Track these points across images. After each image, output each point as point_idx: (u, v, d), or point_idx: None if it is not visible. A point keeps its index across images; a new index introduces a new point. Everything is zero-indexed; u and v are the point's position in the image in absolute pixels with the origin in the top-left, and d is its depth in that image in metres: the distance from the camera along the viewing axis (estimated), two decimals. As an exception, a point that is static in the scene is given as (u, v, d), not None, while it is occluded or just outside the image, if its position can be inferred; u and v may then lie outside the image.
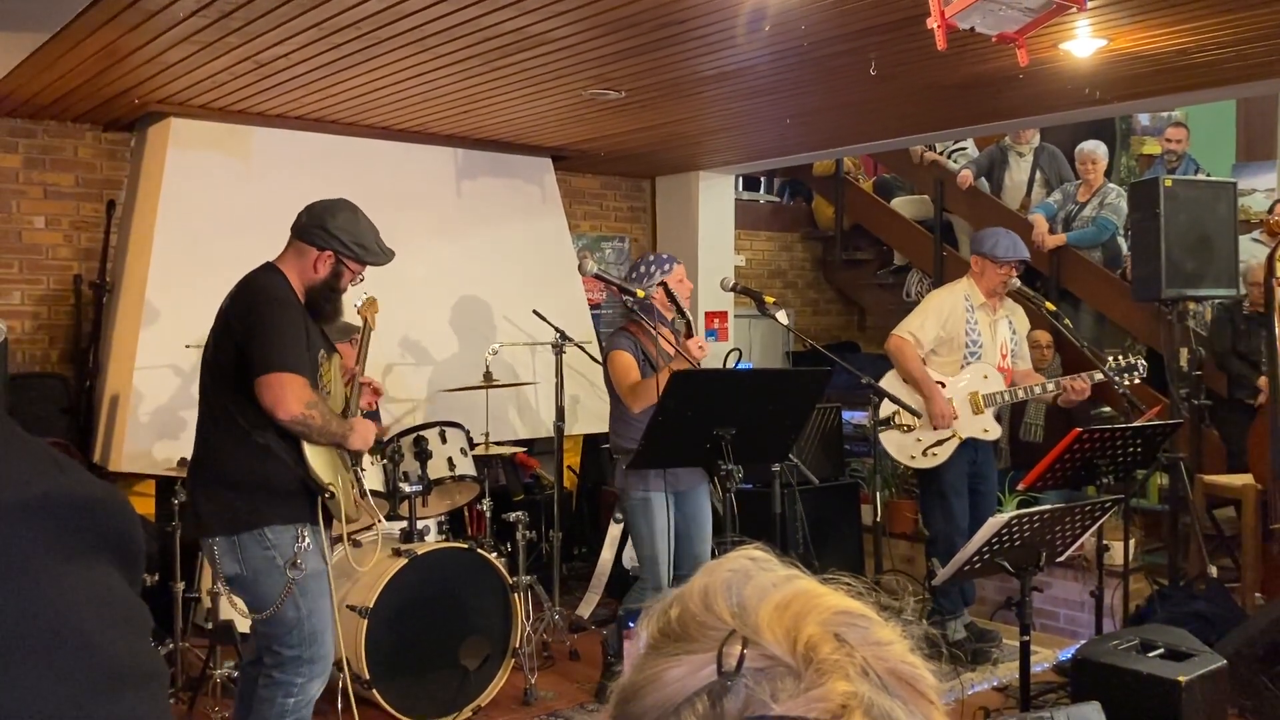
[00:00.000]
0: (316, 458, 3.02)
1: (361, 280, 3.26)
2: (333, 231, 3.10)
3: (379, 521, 4.07)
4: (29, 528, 0.55)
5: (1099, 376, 4.63)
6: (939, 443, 4.73)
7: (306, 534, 3.02)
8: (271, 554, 2.98)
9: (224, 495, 2.99)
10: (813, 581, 0.64)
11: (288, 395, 2.87)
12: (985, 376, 4.76)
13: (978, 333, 4.78)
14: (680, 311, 4.05)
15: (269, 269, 3.12)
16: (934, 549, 4.80)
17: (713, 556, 4.01)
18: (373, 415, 4.92)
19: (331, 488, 3.04)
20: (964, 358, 4.76)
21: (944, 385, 4.74)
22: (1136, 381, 4.70)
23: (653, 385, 3.79)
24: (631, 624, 2.08)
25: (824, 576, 0.66)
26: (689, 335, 4.04)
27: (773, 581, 0.64)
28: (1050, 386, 4.73)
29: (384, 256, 3.24)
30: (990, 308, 4.81)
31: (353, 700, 3.57)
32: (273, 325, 2.94)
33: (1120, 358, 4.69)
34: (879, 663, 0.59)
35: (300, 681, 3.02)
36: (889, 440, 4.78)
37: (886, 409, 4.63)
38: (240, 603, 3.28)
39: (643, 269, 4.24)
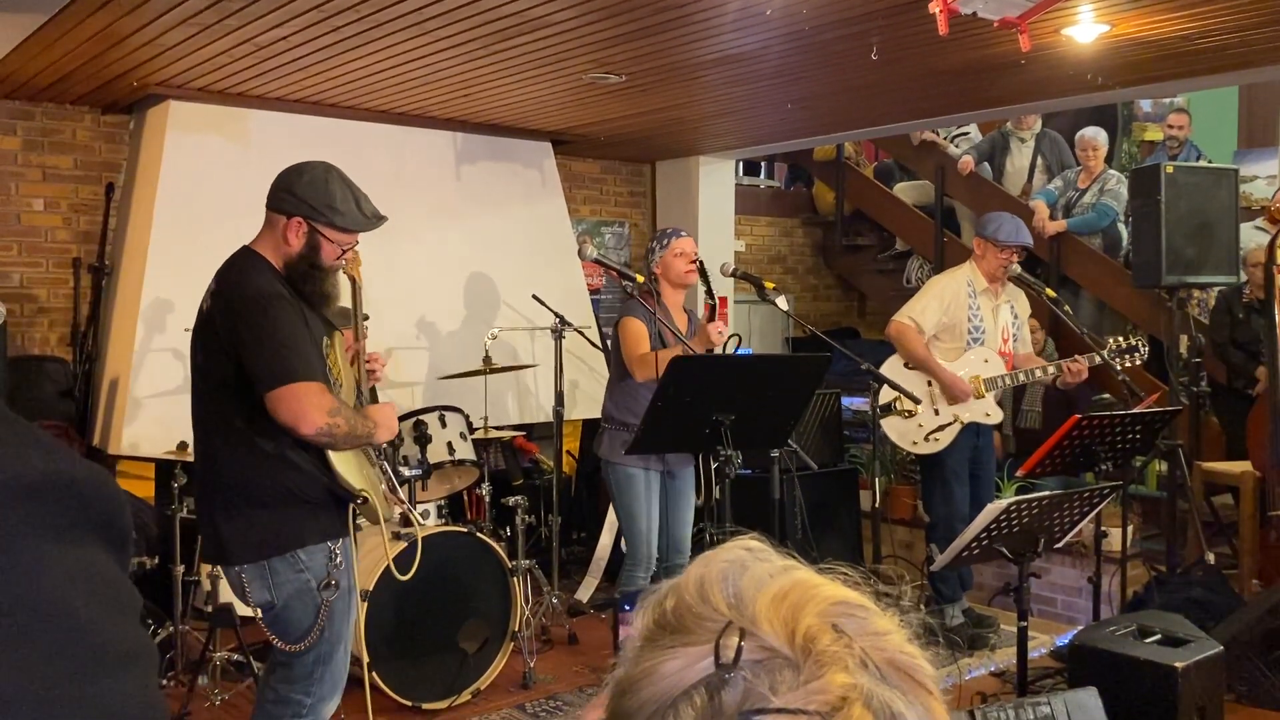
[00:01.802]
0: (343, 463, 2.72)
1: (352, 250, 2.83)
2: (298, 194, 2.68)
3: (416, 519, 3.99)
4: (15, 507, 0.55)
5: (1097, 360, 4.63)
6: (941, 428, 4.73)
7: (339, 550, 2.73)
8: (305, 576, 2.68)
9: (252, 515, 2.66)
10: (810, 572, 0.64)
11: (308, 408, 2.55)
12: (986, 361, 4.75)
13: (980, 318, 4.77)
14: (709, 292, 4.06)
15: (245, 253, 2.75)
16: (934, 534, 4.81)
17: (708, 545, 4.03)
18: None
19: (364, 492, 2.73)
20: (967, 344, 4.75)
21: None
22: (1137, 363, 4.70)
23: (660, 357, 3.82)
24: (627, 608, 2.08)
25: (821, 566, 0.65)
26: (711, 318, 4.03)
27: (769, 572, 0.63)
28: (1051, 369, 4.73)
29: (365, 220, 2.76)
30: (992, 293, 4.80)
31: (327, 684, 3.57)
32: (271, 329, 2.58)
33: (1122, 339, 4.69)
34: (877, 653, 0.59)
35: (309, 702, 2.77)
36: (890, 427, 4.77)
37: (887, 395, 4.62)
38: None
39: (650, 245, 4.31)
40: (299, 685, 2.76)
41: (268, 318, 2.60)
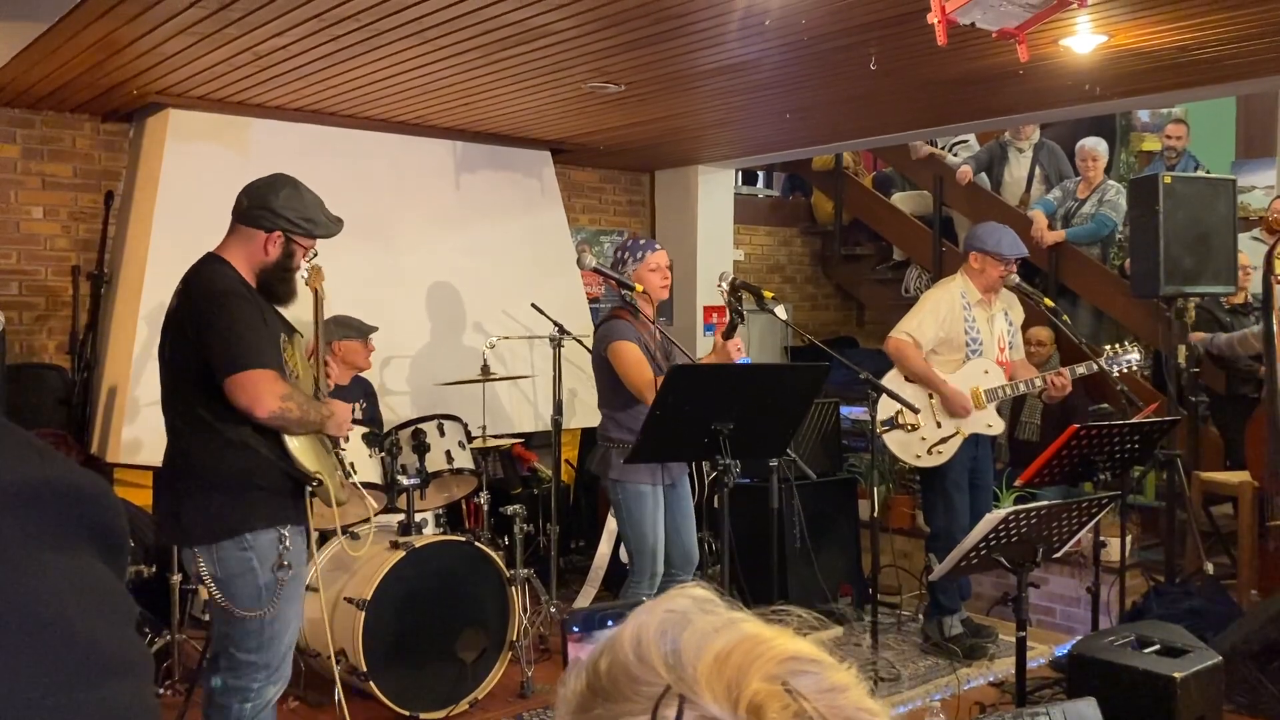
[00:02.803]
0: (299, 447, 2.95)
1: (315, 255, 3.12)
2: (278, 211, 2.97)
3: (372, 505, 4.00)
4: (11, 515, 0.54)
5: (1080, 370, 4.65)
6: (943, 440, 4.71)
7: (288, 534, 2.93)
8: (248, 555, 2.88)
9: (211, 498, 2.88)
10: (759, 625, 0.58)
11: (262, 392, 2.80)
12: (985, 371, 4.74)
13: (976, 330, 4.76)
14: (739, 314, 3.97)
15: (212, 260, 3.00)
16: (935, 544, 4.79)
17: (706, 553, 3.98)
18: (369, 398, 4.92)
19: (319, 475, 2.96)
20: (966, 356, 4.75)
21: (945, 380, 4.73)
22: (1134, 369, 4.71)
23: None
24: (576, 629, 2.04)
25: (773, 610, 0.60)
26: (729, 336, 3.98)
27: (714, 626, 0.57)
28: (1038, 382, 4.74)
29: (334, 227, 3.09)
30: (986, 303, 4.80)
31: (341, 696, 3.57)
32: (229, 322, 2.84)
33: (1118, 345, 4.70)
34: (833, 712, 0.54)
35: (255, 687, 2.93)
36: (893, 440, 4.76)
37: (888, 410, 4.62)
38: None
39: (618, 255, 4.16)
40: (245, 672, 2.93)
41: (226, 311, 2.85)
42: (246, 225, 3.01)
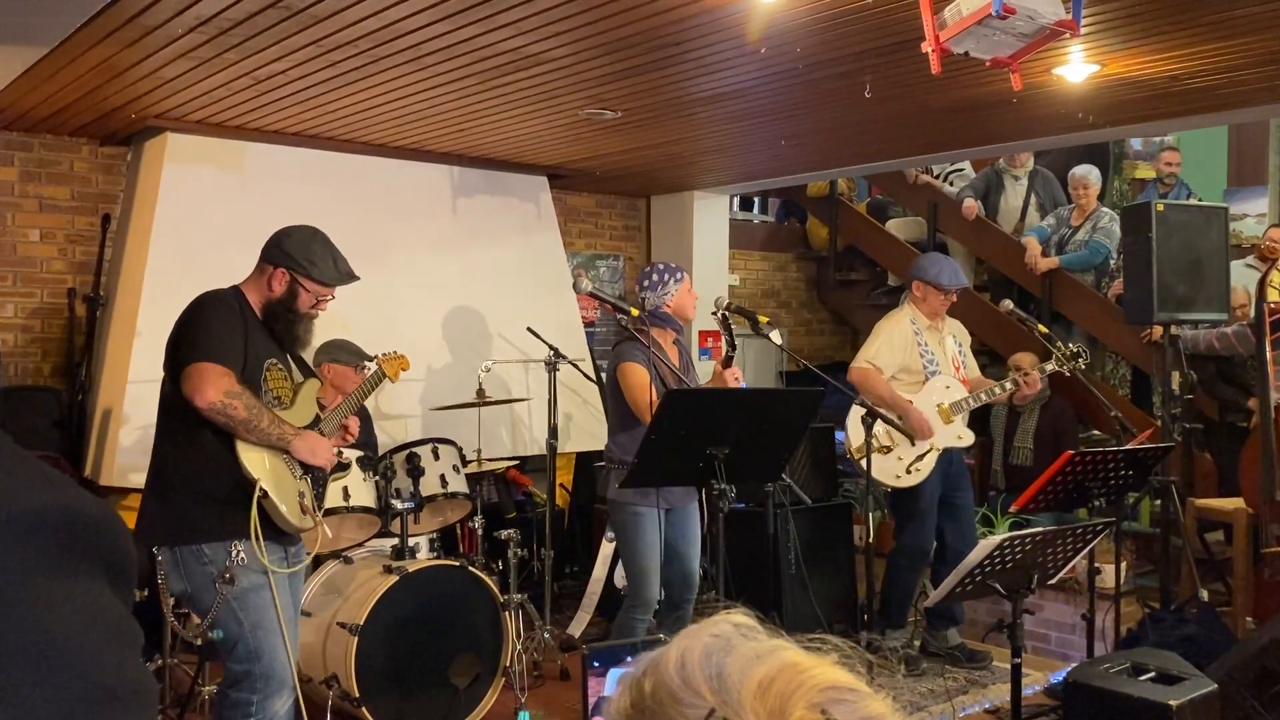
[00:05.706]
0: (248, 453, 3.01)
1: (328, 302, 3.23)
2: (284, 249, 3.16)
3: (326, 535, 3.94)
4: (20, 542, 0.55)
5: (1050, 368, 4.89)
6: (920, 457, 4.82)
7: (240, 547, 3.00)
8: (209, 569, 3.00)
9: (167, 498, 3.03)
10: (799, 652, 0.59)
11: (204, 382, 2.90)
12: (947, 387, 4.92)
13: (931, 352, 4.94)
14: (730, 343, 3.98)
15: (228, 287, 3.18)
16: (897, 561, 4.94)
17: (699, 578, 3.93)
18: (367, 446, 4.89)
19: (262, 484, 3.00)
20: (926, 377, 4.90)
21: (910, 402, 4.85)
22: (1082, 367, 4.95)
23: None
24: (597, 664, 2.04)
25: (810, 637, 0.61)
26: (728, 365, 3.98)
27: (757, 652, 0.58)
28: (1008, 385, 4.89)
29: (338, 276, 3.21)
30: (935, 328, 4.98)
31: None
32: (198, 322, 3.01)
33: (1067, 346, 4.93)
34: None
35: (256, 699, 3.00)
36: (871, 465, 4.79)
37: (858, 436, 4.70)
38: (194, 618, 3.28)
39: (655, 278, 4.14)
40: (244, 685, 3.01)
41: (201, 314, 3.03)
42: (261, 260, 3.21)
